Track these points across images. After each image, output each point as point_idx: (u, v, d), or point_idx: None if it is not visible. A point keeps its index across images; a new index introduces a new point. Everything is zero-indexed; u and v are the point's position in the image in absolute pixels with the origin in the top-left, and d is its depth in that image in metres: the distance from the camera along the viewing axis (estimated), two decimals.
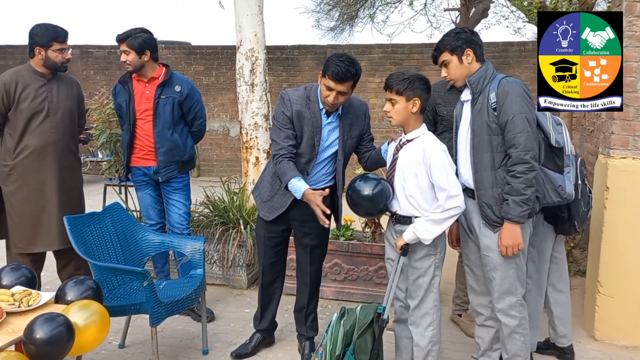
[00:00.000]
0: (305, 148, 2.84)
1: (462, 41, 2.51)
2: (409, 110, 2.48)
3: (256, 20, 4.58)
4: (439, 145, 2.49)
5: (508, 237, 2.45)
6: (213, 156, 10.08)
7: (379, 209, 2.61)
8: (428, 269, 2.54)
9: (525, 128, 2.38)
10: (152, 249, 3.23)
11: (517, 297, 2.56)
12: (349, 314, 2.53)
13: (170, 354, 3.18)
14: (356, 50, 9.46)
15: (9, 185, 3.27)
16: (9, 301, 2.26)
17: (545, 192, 2.60)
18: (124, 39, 3.41)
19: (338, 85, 2.65)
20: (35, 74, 3.28)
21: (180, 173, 3.64)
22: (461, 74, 2.55)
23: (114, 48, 9.98)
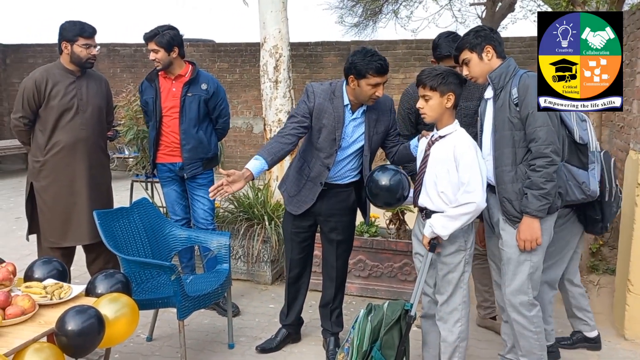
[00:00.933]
0: (324, 142, 2.85)
1: (482, 38, 2.52)
2: (444, 106, 2.46)
3: (280, 17, 4.59)
4: (471, 142, 2.48)
5: (526, 231, 2.44)
6: (237, 153, 10.15)
7: (397, 199, 2.62)
8: (458, 264, 2.52)
9: (546, 122, 2.36)
10: (179, 243, 3.27)
11: (527, 297, 2.54)
12: (376, 310, 2.52)
13: (196, 348, 3.22)
14: (380, 46, 9.40)
15: (40, 180, 3.34)
16: (41, 294, 2.31)
17: (569, 189, 2.56)
18: (152, 37, 3.45)
19: (383, 78, 2.71)
20: (65, 71, 3.34)
21: (204, 170, 3.68)
22: (482, 71, 2.55)
23: (140, 46, 10.12)
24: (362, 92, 2.74)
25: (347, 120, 2.85)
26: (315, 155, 2.89)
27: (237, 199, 4.48)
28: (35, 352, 1.99)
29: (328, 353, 3.09)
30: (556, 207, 2.50)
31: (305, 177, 2.93)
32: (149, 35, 3.47)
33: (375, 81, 2.69)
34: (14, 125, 3.37)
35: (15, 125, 3.37)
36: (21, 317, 2.13)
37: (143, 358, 3.10)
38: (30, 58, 10.57)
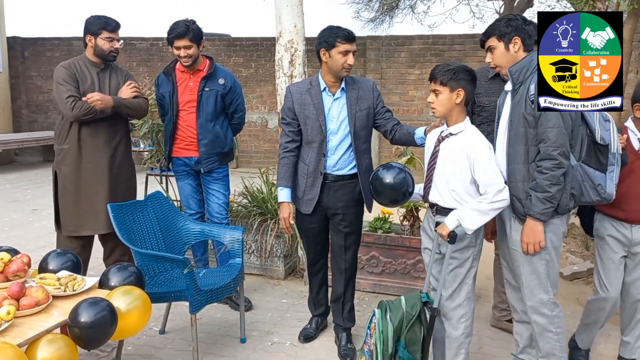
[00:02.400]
0: (313, 132, 2.94)
1: (512, 28, 2.45)
2: (453, 101, 2.44)
3: (296, 11, 4.56)
4: (484, 141, 2.45)
5: (529, 234, 2.41)
6: (251, 147, 10.16)
7: (402, 195, 2.59)
8: (466, 260, 2.51)
9: (558, 123, 2.31)
10: (192, 237, 3.28)
11: (548, 295, 2.49)
12: (392, 308, 2.47)
13: (208, 341, 3.22)
14: (396, 41, 9.35)
15: (62, 168, 3.39)
16: (55, 285, 2.33)
17: (584, 190, 2.49)
18: (185, 34, 3.40)
19: (352, 45, 2.83)
20: (89, 63, 3.40)
21: (220, 164, 3.69)
22: (506, 62, 2.49)
23: (155, 40, 10.17)
24: (335, 63, 2.84)
25: (328, 103, 2.94)
26: (310, 149, 2.98)
27: (251, 193, 4.48)
28: (48, 343, 2.00)
29: (340, 349, 3.08)
30: (568, 208, 2.43)
31: (306, 175, 3.01)
32: (181, 31, 3.40)
33: (344, 48, 2.81)
34: (81, 114, 3.22)
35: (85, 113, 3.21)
36: (35, 308, 2.15)
37: (155, 351, 3.11)
38: (47, 52, 10.68)
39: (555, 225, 2.45)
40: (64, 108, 3.28)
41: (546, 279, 2.48)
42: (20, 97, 10.88)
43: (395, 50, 9.30)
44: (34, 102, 10.95)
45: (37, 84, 10.85)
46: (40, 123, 10.94)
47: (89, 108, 3.23)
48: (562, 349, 2.56)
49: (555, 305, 2.52)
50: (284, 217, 3.04)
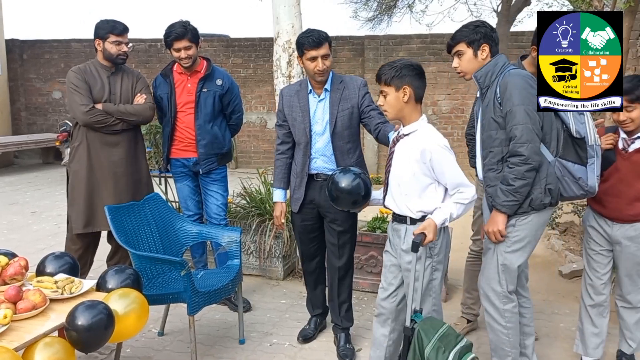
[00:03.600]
0: (300, 134, 2.99)
1: (481, 35, 2.46)
2: (401, 100, 2.34)
3: (293, 11, 4.56)
4: (438, 140, 2.33)
5: (490, 223, 2.47)
6: (250, 148, 10.15)
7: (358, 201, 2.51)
8: (424, 272, 2.37)
9: (523, 120, 2.31)
10: (190, 239, 3.28)
11: (501, 287, 2.52)
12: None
13: (207, 343, 3.22)
14: (394, 41, 9.34)
15: (72, 166, 3.44)
16: (52, 288, 2.33)
17: (565, 185, 2.50)
18: (184, 35, 3.40)
19: (319, 50, 2.82)
20: (100, 67, 3.44)
21: (219, 165, 3.69)
22: (472, 68, 2.51)
23: (154, 42, 10.16)
24: (308, 69, 2.89)
25: (314, 104, 2.97)
26: (298, 150, 3.04)
27: (249, 194, 4.48)
28: (45, 346, 2.00)
29: (339, 349, 3.08)
30: (543, 204, 2.43)
31: (295, 174, 3.06)
32: (180, 32, 3.40)
33: (311, 54, 2.83)
34: (94, 121, 3.29)
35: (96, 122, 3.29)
36: (32, 311, 2.15)
37: (154, 353, 3.11)
38: (46, 54, 10.67)
39: (528, 221, 2.45)
40: (77, 112, 3.32)
41: (503, 271, 2.50)
42: (19, 100, 10.87)
43: (393, 49, 9.29)
44: (33, 104, 10.94)
45: (36, 86, 10.84)
46: (39, 125, 10.93)
47: (103, 117, 3.32)
48: (511, 345, 2.56)
49: (509, 299, 2.53)
50: (276, 216, 3.16)
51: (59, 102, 10.67)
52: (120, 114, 3.36)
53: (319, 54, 2.82)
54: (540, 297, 3.90)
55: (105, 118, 3.32)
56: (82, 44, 10.36)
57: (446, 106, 9.17)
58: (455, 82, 9.01)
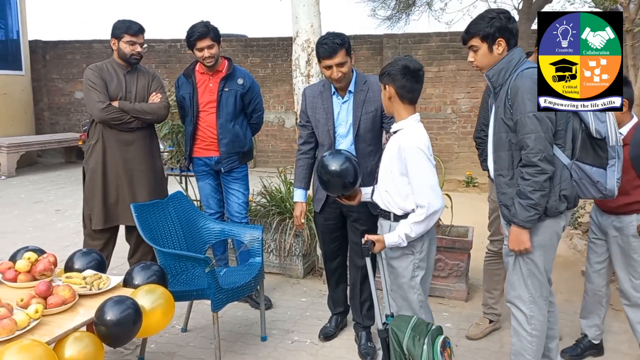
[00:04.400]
0: (323, 136, 2.98)
1: (496, 29, 2.32)
2: (386, 98, 2.41)
3: (312, 11, 4.58)
4: (416, 140, 2.30)
5: (514, 241, 2.35)
6: (268, 147, 10.20)
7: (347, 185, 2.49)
8: (405, 269, 2.42)
9: (534, 128, 2.21)
10: (213, 237, 3.31)
11: (528, 293, 2.42)
12: None
13: (229, 339, 3.26)
14: (413, 39, 9.30)
15: (89, 163, 3.50)
16: (81, 284, 2.38)
17: (583, 188, 2.37)
18: (207, 34, 3.46)
19: (333, 59, 2.77)
20: (116, 65, 3.50)
21: (240, 164, 3.73)
22: (488, 63, 2.39)
23: (174, 42, 10.26)
24: (325, 76, 2.87)
25: (337, 106, 2.95)
26: (321, 149, 3.03)
27: (270, 193, 4.51)
28: (75, 340, 2.04)
29: (360, 347, 3.09)
30: (558, 211, 2.33)
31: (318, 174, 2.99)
32: (202, 32, 3.45)
33: (324, 64, 2.80)
34: (110, 118, 3.35)
35: (112, 119, 3.36)
36: (62, 306, 2.20)
37: (178, 348, 3.15)
38: (68, 54, 10.84)
39: (545, 226, 2.37)
40: (93, 109, 3.37)
41: (528, 278, 2.42)
42: (42, 100, 11.06)
43: (412, 48, 9.26)
44: (56, 104, 11.12)
45: (58, 87, 11.02)
46: (61, 125, 11.11)
47: (119, 115, 3.37)
48: (533, 353, 2.46)
49: (536, 306, 2.42)
50: (296, 215, 3.16)
51: (80, 102, 10.83)
52: (136, 112, 3.42)
53: (333, 63, 2.78)
54: (563, 297, 3.86)
55: (121, 115, 3.38)
56: (103, 44, 10.49)
57: (465, 105, 9.11)
58: (475, 80, 8.94)
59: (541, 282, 2.42)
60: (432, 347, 2.19)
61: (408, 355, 2.20)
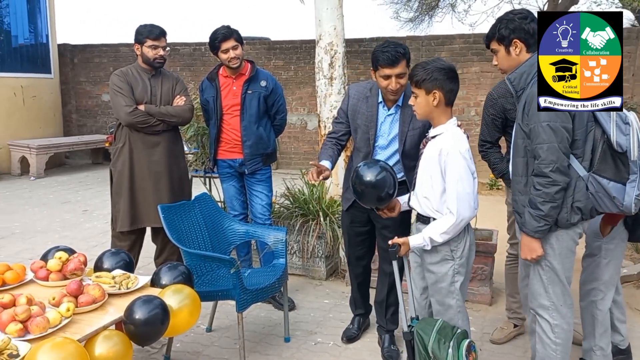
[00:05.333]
0: (361, 142, 2.90)
1: (510, 31, 2.33)
2: (430, 104, 2.33)
3: (336, 13, 4.60)
4: (456, 146, 2.29)
5: (525, 250, 2.32)
6: (291, 149, 10.24)
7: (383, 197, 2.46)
8: (445, 274, 2.42)
9: (547, 139, 2.17)
10: (238, 238, 3.36)
11: (549, 301, 2.38)
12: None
13: (253, 340, 3.29)
14: (436, 41, 9.25)
15: (117, 165, 3.58)
16: (110, 283, 2.44)
17: (600, 201, 2.29)
18: (231, 35, 3.51)
19: (394, 69, 2.65)
20: (141, 70, 3.59)
21: (264, 165, 3.76)
22: (509, 66, 2.39)
23: (198, 45, 10.38)
24: (380, 85, 2.74)
25: (382, 117, 2.84)
26: (357, 154, 2.96)
27: (293, 195, 4.54)
28: (105, 339, 2.10)
29: (383, 350, 3.09)
30: (570, 223, 2.27)
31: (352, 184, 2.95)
32: (226, 33, 3.51)
33: (384, 72, 2.66)
34: (137, 121, 3.44)
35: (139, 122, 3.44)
36: (92, 305, 2.26)
37: (203, 348, 3.20)
38: (96, 58, 11.05)
39: (558, 236, 2.31)
40: (120, 113, 3.45)
41: (549, 286, 2.37)
42: (70, 102, 11.29)
43: (435, 50, 9.21)
44: (83, 106, 11.35)
45: (86, 89, 11.24)
46: (89, 127, 11.32)
47: (145, 118, 3.44)
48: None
49: (559, 314, 2.38)
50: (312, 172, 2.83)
51: (107, 104, 11.02)
52: (162, 115, 3.49)
53: (393, 73, 2.65)
54: None
55: (147, 119, 3.45)
56: (129, 48, 10.66)
57: None
58: None
59: (563, 289, 2.37)
60: (458, 351, 2.20)
61: (433, 358, 2.21)
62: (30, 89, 9.76)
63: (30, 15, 9.94)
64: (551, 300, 2.38)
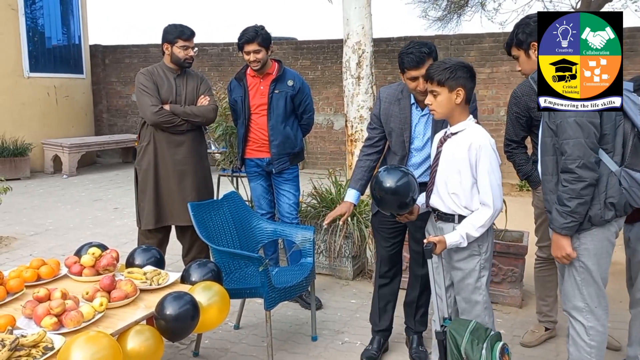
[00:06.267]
0: (396, 145, 2.86)
1: (527, 34, 2.39)
2: (453, 102, 2.34)
3: (364, 13, 4.59)
4: (486, 139, 2.33)
5: (555, 248, 2.30)
6: (317, 149, 10.26)
7: (405, 203, 2.41)
8: (472, 270, 2.42)
9: (574, 134, 2.15)
10: (266, 236, 3.37)
11: (583, 303, 2.33)
12: None
13: (281, 338, 3.31)
14: (465, 40, 9.16)
15: (142, 164, 3.64)
16: (142, 279, 2.47)
17: (634, 195, 2.26)
18: (254, 39, 3.52)
19: (419, 70, 2.61)
20: (167, 69, 3.64)
21: (291, 165, 3.78)
22: (531, 68, 2.43)
23: (226, 45, 10.48)
24: (409, 87, 2.71)
25: (416, 118, 2.80)
26: (392, 157, 2.91)
27: (320, 194, 4.54)
28: (136, 333, 2.13)
29: (412, 351, 3.07)
30: (603, 219, 2.24)
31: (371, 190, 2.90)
32: (250, 36, 3.52)
33: (411, 75, 2.64)
34: (162, 121, 3.48)
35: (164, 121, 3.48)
36: (124, 300, 2.29)
37: (231, 345, 3.23)
38: (126, 58, 11.25)
39: (593, 234, 2.27)
40: (146, 112, 3.49)
41: (583, 287, 2.33)
42: (101, 102, 11.52)
43: (464, 49, 9.11)
44: (114, 106, 11.57)
45: (116, 90, 11.46)
46: (119, 126, 11.54)
47: (170, 118, 3.47)
48: None
49: (594, 316, 2.33)
50: (336, 212, 2.97)
51: (137, 104, 11.22)
52: (186, 114, 3.53)
53: (419, 74, 2.60)
54: (623, 305, 3.70)
55: (172, 118, 3.49)
56: (159, 48, 10.78)
57: None
58: None
59: (597, 290, 2.33)
60: (491, 352, 2.18)
61: (466, 358, 2.19)
62: (63, 89, 9.99)
63: (63, 17, 10.17)
64: (585, 301, 2.34)
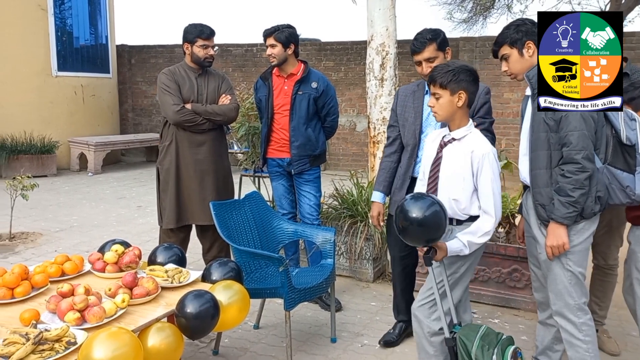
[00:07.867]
0: (409, 135, 2.94)
1: (523, 33, 2.42)
2: (454, 105, 2.34)
3: (388, 14, 4.56)
4: (489, 147, 2.36)
5: (552, 237, 2.36)
6: (339, 150, 10.25)
7: (433, 237, 2.20)
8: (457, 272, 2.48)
9: (579, 126, 2.24)
10: (286, 237, 3.37)
11: (574, 300, 2.40)
12: None
13: (300, 339, 3.30)
14: (490, 42, 9.04)
15: (163, 164, 3.67)
16: (164, 277, 2.49)
17: (612, 192, 2.39)
18: (272, 33, 3.59)
19: (421, 54, 2.83)
20: (188, 69, 3.66)
21: (311, 166, 3.77)
22: (522, 68, 2.45)
23: (250, 46, 10.55)
24: (418, 72, 2.91)
25: (428, 107, 2.84)
26: (405, 152, 3.00)
27: (341, 196, 4.53)
28: (157, 330, 2.14)
29: None
30: (593, 212, 2.34)
31: (398, 176, 3.03)
32: (269, 31, 3.61)
33: (415, 59, 2.87)
34: (184, 120, 3.50)
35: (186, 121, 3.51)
36: (146, 297, 2.31)
37: (250, 344, 3.23)
38: (152, 58, 11.40)
39: (580, 229, 2.38)
40: (168, 112, 3.52)
41: (572, 284, 2.40)
42: (126, 102, 11.70)
43: (490, 51, 9.00)
44: (139, 106, 11.73)
45: (142, 89, 11.62)
46: (144, 125, 11.70)
47: (192, 117, 3.49)
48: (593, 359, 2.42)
49: (583, 311, 2.42)
50: (373, 215, 3.14)
51: None
52: (208, 114, 3.55)
53: (422, 58, 2.82)
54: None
55: (194, 117, 3.51)
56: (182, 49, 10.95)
57: None
58: None
59: (582, 286, 2.43)
60: (502, 357, 2.16)
61: None
62: (89, 88, 10.16)
63: (91, 17, 10.35)
64: (574, 299, 2.42)
